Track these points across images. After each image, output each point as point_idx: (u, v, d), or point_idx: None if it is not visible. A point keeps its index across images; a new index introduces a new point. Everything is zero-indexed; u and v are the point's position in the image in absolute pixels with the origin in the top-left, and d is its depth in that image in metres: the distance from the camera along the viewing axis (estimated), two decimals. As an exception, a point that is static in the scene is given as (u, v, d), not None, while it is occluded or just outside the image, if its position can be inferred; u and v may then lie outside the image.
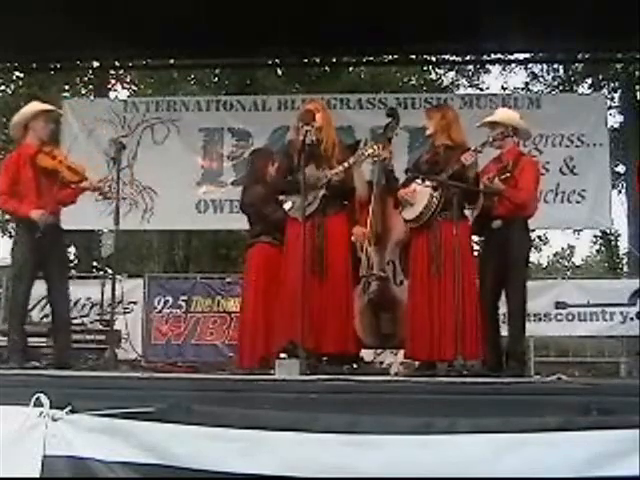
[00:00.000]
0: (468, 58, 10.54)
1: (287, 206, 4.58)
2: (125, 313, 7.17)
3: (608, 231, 15.56)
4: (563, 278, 14.33)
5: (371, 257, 4.72)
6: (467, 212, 4.57)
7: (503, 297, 4.60)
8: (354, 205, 4.82)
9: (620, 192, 13.65)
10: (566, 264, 28.19)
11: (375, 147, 4.51)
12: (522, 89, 14.46)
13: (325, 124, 4.61)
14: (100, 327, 6.53)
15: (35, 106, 4.93)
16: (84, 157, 5.83)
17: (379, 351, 5.77)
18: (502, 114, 4.82)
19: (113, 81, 13.79)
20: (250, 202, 5.21)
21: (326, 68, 12.13)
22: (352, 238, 4.71)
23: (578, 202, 7.73)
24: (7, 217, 14.83)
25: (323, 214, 4.50)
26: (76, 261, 13.31)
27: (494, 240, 4.58)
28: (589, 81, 14.11)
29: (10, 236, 14.84)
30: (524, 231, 4.64)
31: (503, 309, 4.64)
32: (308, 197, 4.37)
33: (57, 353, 4.70)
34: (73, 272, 10.09)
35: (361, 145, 4.73)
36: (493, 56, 8.81)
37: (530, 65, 13.93)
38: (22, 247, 4.69)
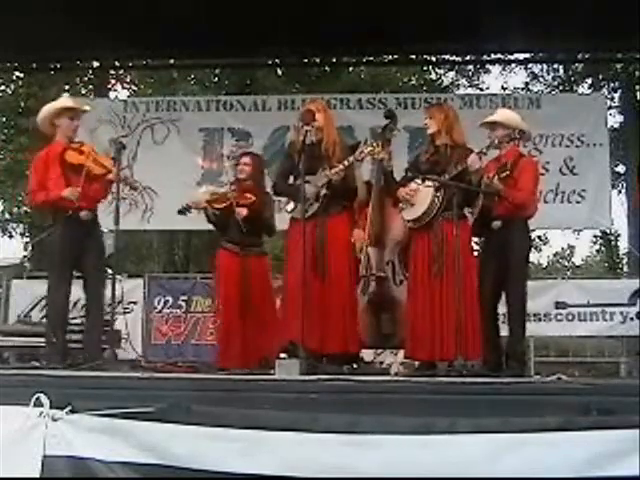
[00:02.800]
0: (468, 58, 10.52)
1: (289, 207, 4.59)
2: (125, 313, 7.15)
3: (608, 231, 15.55)
4: (563, 278, 14.27)
5: (370, 257, 4.72)
6: (467, 213, 4.57)
7: (503, 297, 4.60)
8: (353, 206, 4.83)
9: (620, 192, 13.66)
10: (566, 264, 28.19)
11: (374, 145, 4.51)
12: (522, 89, 14.45)
13: (326, 124, 4.61)
14: (100, 327, 6.51)
15: (59, 103, 4.86)
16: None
17: (379, 351, 5.77)
18: (504, 114, 4.79)
19: (113, 81, 13.78)
20: None
21: (326, 68, 12.12)
22: (352, 239, 4.72)
23: (578, 202, 7.73)
24: (7, 217, 14.88)
25: (325, 214, 4.50)
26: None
27: (494, 241, 4.58)
28: (589, 81, 14.11)
29: (10, 236, 14.85)
30: (524, 231, 4.64)
31: (503, 309, 4.64)
32: (309, 198, 4.38)
33: (87, 352, 4.59)
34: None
35: (361, 145, 4.74)
36: (493, 56, 8.80)
37: (530, 65, 13.93)
38: (59, 245, 4.63)
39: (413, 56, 8.57)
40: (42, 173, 4.70)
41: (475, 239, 4.89)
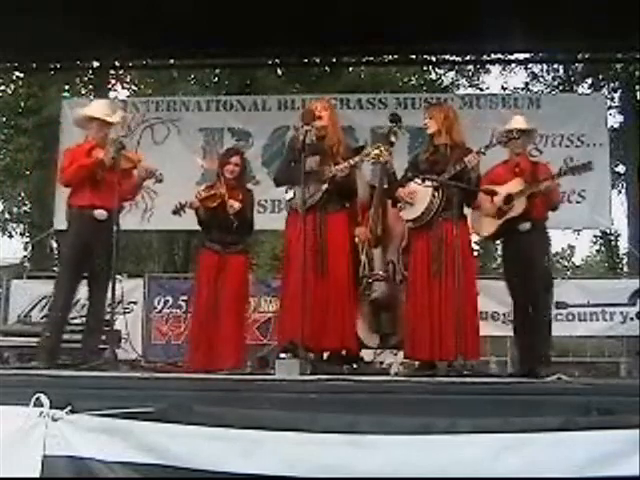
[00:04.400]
0: (468, 58, 10.52)
1: (288, 196, 4.59)
2: (125, 313, 7.16)
3: (608, 231, 15.55)
4: (563, 278, 14.26)
5: (372, 258, 4.72)
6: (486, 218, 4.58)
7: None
8: (356, 207, 4.83)
9: (620, 192, 13.66)
10: (566, 264, 28.17)
11: (381, 149, 4.49)
12: (522, 89, 14.48)
13: (331, 122, 4.65)
14: (100, 327, 6.52)
15: (88, 110, 4.93)
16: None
17: (379, 351, 5.77)
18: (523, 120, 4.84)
19: (113, 81, 13.79)
20: None
21: (326, 68, 12.12)
22: (355, 240, 4.73)
23: (578, 202, 7.72)
24: (7, 217, 14.88)
25: (324, 211, 4.50)
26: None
27: (521, 243, 4.56)
28: (589, 81, 14.12)
29: (10, 236, 14.86)
30: (547, 234, 4.74)
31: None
32: (310, 189, 4.38)
33: (86, 353, 4.59)
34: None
35: (367, 147, 4.75)
36: (493, 56, 8.80)
37: (530, 65, 13.95)
38: (69, 242, 4.69)
39: (413, 56, 8.57)
40: (72, 159, 4.75)
41: (475, 238, 4.91)
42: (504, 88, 15.27)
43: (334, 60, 9.69)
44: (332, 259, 4.47)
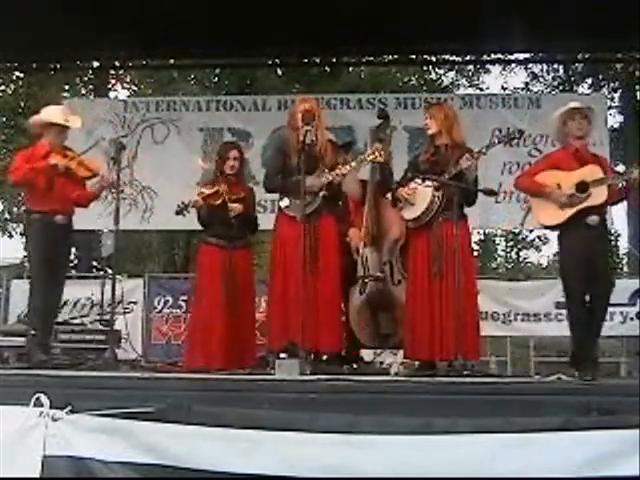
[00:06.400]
0: (468, 58, 10.51)
1: (283, 203, 4.57)
2: (125, 313, 7.17)
3: (608, 231, 15.52)
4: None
5: (368, 258, 4.72)
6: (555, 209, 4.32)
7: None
8: (348, 206, 4.82)
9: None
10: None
11: (377, 153, 4.48)
12: (522, 89, 14.47)
13: (319, 124, 4.61)
14: (100, 327, 6.54)
15: (50, 116, 4.86)
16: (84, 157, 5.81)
17: (379, 351, 5.77)
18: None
19: (113, 81, 13.78)
20: None
21: (326, 68, 12.12)
22: (347, 239, 4.72)
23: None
24: (7, 217, 14.87)
25: (317, 214, 4.49)
26: (76, 261, 13.29)
27: (589, 238, 4.21)
28: (589, 81, 14.11)
29: (10, 236, 14.85)
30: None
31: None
32: (307, 197, 4.37)
33: (29, 354, 4.65)
34: (73, 272, 10.07)
35: (357, 145, 4.72)
36: (493, 56, 8.79)
37: (530, 65, 13.94)
38: (37, 244, 4.70)
39: (413, 56, 8.57)
40: (26, 162, 4.71)
41: (475, 238, 4.89)
42: (504, 88, 15.27)
43: (334, 60, 9.68)
44: (323, 260, 4.44)
